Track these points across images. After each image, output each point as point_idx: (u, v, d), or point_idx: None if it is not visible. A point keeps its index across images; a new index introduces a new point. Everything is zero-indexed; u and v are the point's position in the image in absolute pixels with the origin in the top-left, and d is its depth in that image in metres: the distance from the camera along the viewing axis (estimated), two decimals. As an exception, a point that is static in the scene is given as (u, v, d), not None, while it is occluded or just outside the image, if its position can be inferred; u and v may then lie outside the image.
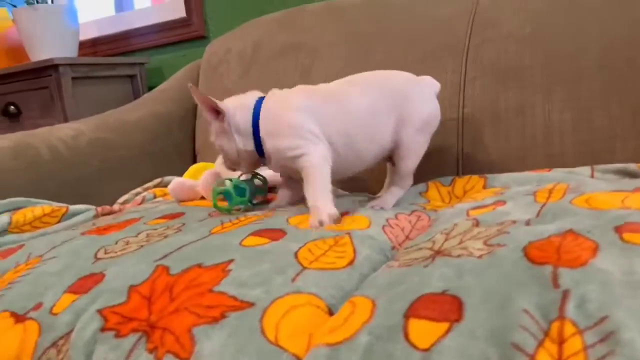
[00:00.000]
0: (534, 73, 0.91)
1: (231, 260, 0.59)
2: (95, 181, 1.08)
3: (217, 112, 0.81)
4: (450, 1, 1.08)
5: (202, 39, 1.69)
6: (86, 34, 1.85)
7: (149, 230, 0.77)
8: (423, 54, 1.03)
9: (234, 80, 1.27)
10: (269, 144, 0.79)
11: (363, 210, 0.80)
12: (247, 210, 0.85)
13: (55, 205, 0.97)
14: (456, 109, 0.96)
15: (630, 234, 0.49)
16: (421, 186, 0.89)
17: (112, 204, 1.08)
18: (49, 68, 1.49)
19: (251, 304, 0.51)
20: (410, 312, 0.44)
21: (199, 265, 0.59)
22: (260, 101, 0.82)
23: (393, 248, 0.68)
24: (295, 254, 0.61)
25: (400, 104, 0.80)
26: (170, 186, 0.99)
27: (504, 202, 0.69)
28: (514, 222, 0.59)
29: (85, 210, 1.00)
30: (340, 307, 0.52)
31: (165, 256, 0.63)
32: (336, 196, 0.79)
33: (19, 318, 0.59)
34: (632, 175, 0.79)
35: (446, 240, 0.59)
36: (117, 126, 1.19)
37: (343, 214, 0.76)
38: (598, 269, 0.43)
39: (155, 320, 0.52)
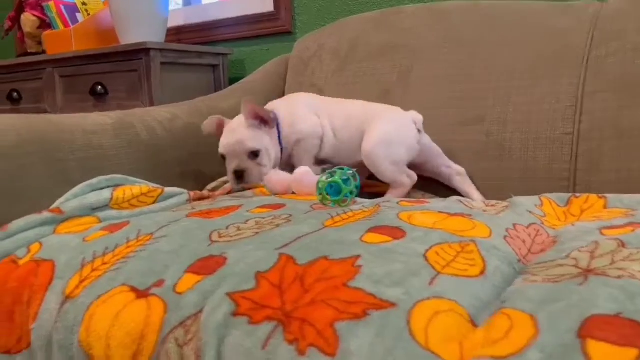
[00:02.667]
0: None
1: (358, 256, 0.57)
2: (186, 165, 1.08)
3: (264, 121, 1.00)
4: (566, 13, 1.03)
5: (287, 34, 1.68)
6: (171, 22, 1.88)
7: (256, 218, 0.76)
8: (534, 63, 0.99)
9: (327, 76, 1.26)
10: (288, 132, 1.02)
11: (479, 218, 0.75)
12: (352, 203, 0.83)
13: (152, 185, 0.97)
14: (571, 123, 0.91)
15: None
16: (534, 199, 0.85)
17: (200, 189, 1.08)
18: (140, 52, 1.51)
19: (393, 304, 0.48)
20: (584, 332, 0.41)
21: (325, 258, 0.57)
22: None
23: (519, 261, 0.64)
24: (424, 256, 0.58)
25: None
26: (266, 177, 0.98)
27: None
28: (668, 246, 0.54)
29: (179, 194, 1.00)
30: (481, 317, 0.49)
31: (285, 245, 0.61)
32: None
33: (140, 293, 0.59)
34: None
35: (593, 259, 0.55)
36: (209, 113, 1.19)
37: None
38: None
39: (291, 311, 0.50)
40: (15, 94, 1.88)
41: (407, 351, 0.44)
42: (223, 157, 1.01)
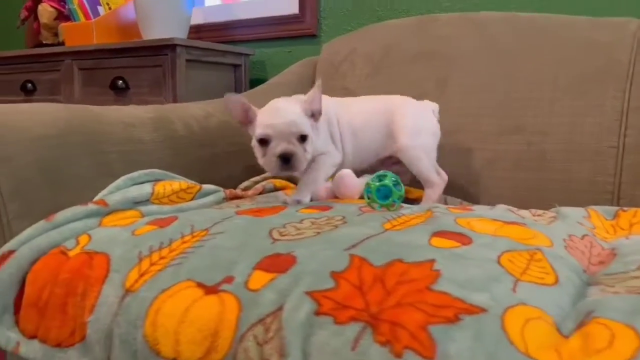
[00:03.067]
0: None
1: (433, 260, 0.56)
2: (219, 163, 1.07)
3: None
4: (607, 28, 1.04)
5: (312, 37, 1.68)
6: (191, 19, 1.87)
7: (309, 218, 0.75)
8: (579, 76, 0.99)
9: (359, 80, 1.25)
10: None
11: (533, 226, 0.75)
12: (399, 208, 0.82)
13: (190, 182, 0.96)
14: (616, 136, 0.92)
15: None
16: (581, 210, 0.85)
17: (234, 187, 1.07)
18: (166, 47, 1.49)
19: (483, 309, 0.48)
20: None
21: (400, 261, 0.56)
22: None
23: (584, 271, 0.64)
24: (498, 262, 0.57)
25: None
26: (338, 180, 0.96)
27: None
28: None
29: (216, 191, 0.98)
30: (565, 326, 0.48)
31: (352, 246, 0.60)
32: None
33: (208, 289, 0.57)
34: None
35: (670, 271, 0.55)
36: (242, 112, 1.18)
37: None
38: None
39: (377, 312, 0.49)
40: (29, 85, 1.86)
41: (509, 356, 0.43)
42: (262, 141, 0.88)
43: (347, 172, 0.95)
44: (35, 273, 0.71)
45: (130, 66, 1.60)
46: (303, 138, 0.87)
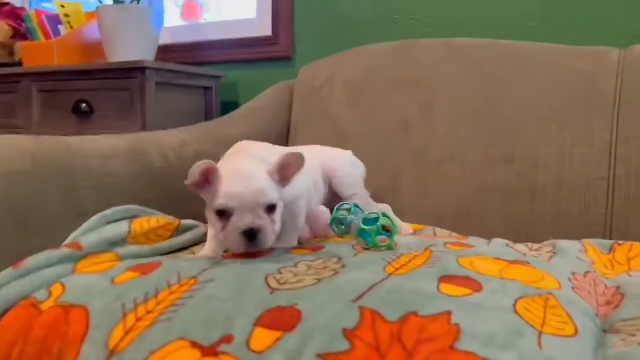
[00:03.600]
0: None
1: (449, 312, 0.53)
2: (196, 195, 1.01)
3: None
4: (589, 55, 1.04)
5: (286, 59, 1.64)
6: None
7: (303, 260, 0.70)
8: (564, 105, 0.99)
9: (341, 107, 1.22)
10: None
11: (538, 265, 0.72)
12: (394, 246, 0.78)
13: (168, 217, 0.90)
14: (606, 167, 0.91)
15: None
16: (576, 244, 0.83)
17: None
18: (134, 70, 1.42)
19: (513, 371, 0.44)
20: None
21: (415, 314, 0.52)
22: None
23: (596, 315, 0.62)
24: (515, 311, 0.54)
25: None
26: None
27: None
28: None
29: (195, 226, 0.93)
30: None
31: (359, 297, 0.56)
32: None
33: (205, 350, 0.52)
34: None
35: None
36: (218, 140, 1.13)
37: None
38: None
39: (400, 377, 0.45)
40: (-18, 107, 1.74)
41: None
42: (221, 213, 0.73)
43: (323, 210, 0.91)
44: (3, 327, 0.63)
45: (95, 89, 1.52)
46: (271, 208, 0.74)
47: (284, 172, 0.77)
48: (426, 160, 1.08)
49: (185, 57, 1.81)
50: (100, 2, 1.60)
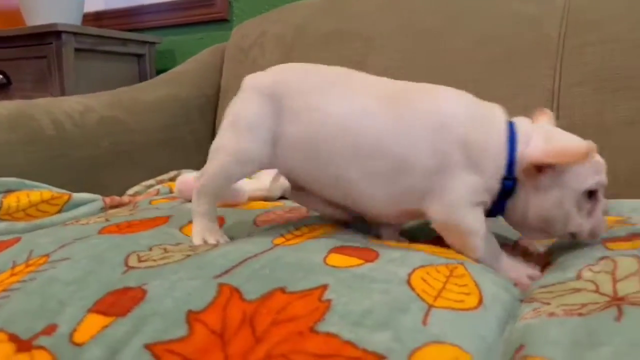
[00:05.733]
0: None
1: (325, 286, 0.43)
2: (102, 166, 0.91)
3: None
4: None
5: (224, 22, 1.52)
6: (89, 6, 1.67)
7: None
8: (508, 54, 0.90)
9: (271, 65, 1.11)
10: None
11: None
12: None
13: (56, 191, 0.79)
14: (549, 118, 0.82)
15: None
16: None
17: (120, 195, 0.91)
18: (49, 35, 1.30)
19: (381, 357, 0.35)
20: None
21: (282, 290, 0.43)
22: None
23: (516, 284, 0.53)
24: (409, 284, 0.45)
25: None
26: (177, 183, 0.82)
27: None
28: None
29: (91, 200, 0.82)
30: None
31: (226, 271, 0.47)
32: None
33: (21, 344, 0.42)
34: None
35: (616, 281, 0.44)
36: (131, 106, 1.02)
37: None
38: None
39: (238, 371, 0.35)
40: None
41: None
42: (592, 194, 0.54)
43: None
44: None
45: (12, 58, 1.39)
46: None
47: None
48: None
49: (122, 23, 1.68)
50: (16, -38, 1.46)
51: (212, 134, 1.17)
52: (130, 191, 0.94)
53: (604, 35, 0.83)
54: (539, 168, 0.53)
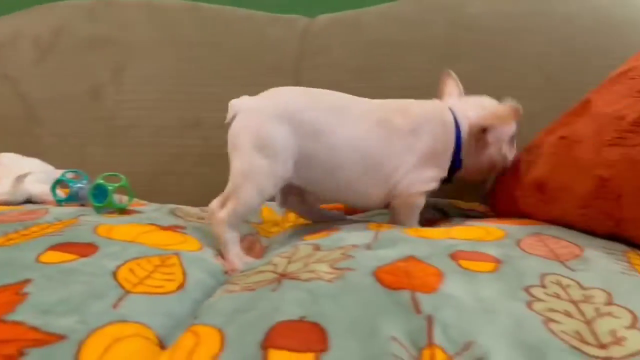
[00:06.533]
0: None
1: (27, 281, 0.47)
2: None
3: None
4: (280, 23, 1.08)
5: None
6: None
7: None
8: (253, 71, 1.01)
9: (24, 67, 1.08)
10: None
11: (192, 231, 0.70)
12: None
13: None
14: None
15: (465, 261, 0.51)
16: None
17: None
18: None
19: (61, 337, 0.40)
20: (268, 342, 0.39)
21: (-18, 287, 0.45)
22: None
23: (225, 273, 0.62)
24: (114, 275, 0.51)
25: None
26: None
27: (337, 229, 0.68)
28: (354, 246, 0.58)
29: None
30: (172, 337, 0.44)
31: None
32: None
33: None
34: (441, 211, 0.86)
35: (289, 263, 0.55)
36: None
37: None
38: (449, 295, 0.44)
39: None
40: None
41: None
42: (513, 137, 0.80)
43: None
44: None
45: None
46: None
47: None
48: (117, 126, 1.01)
49: None
50: None
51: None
52: None
53: (331, 59, 0.99)
54: (484, 130, 0.73)
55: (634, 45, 0.75)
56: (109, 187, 0.74)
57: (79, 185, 0.80)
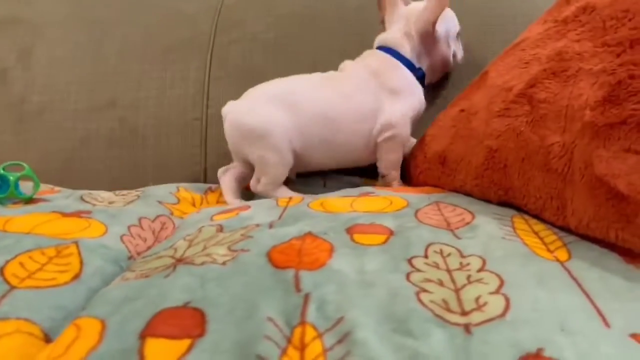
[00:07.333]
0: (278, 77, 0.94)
1: None
2: None
3: None
4: (194, -1, 1.05)
5: None
6: None
7: None
8: (166, 48, 0.98)
9: None
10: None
11: (98, 214, 0.69)
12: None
13: None
14: (200, 108, 0.93)
15: (359, 235, 0.53)
16: (171, 186, 0.83)
17: None
18: None
19: None
20: (147, 331, 0.39)
21: None
22: None
23: (130, 258, 0.61)
24: (1, 271, 0.49)
25: None
26: None
27: (248, 207, 0.68)
28: (258, 225, 0.58)
29: None
30: (60, 330, 0.44)
31: None
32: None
33: None
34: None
35: (189, 247, 0.55)
36: None
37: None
38: (334, 270, 0.45)
39: None
40: None
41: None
42: None
43: None
44: None
45: None
46: None
47: None
48: (26, 111, 0.97)
49: None
50: None
51: None
52: None
53: (245, 35, 0.97)
54: (433, 25, 0.81)
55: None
56: (11, 177, 0.71)
57: None
